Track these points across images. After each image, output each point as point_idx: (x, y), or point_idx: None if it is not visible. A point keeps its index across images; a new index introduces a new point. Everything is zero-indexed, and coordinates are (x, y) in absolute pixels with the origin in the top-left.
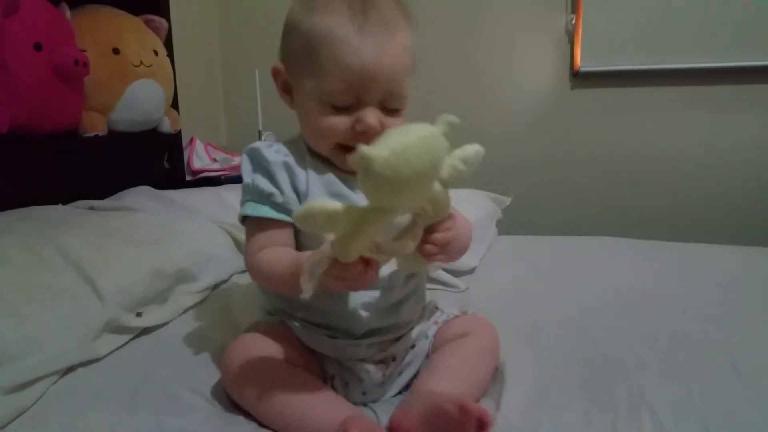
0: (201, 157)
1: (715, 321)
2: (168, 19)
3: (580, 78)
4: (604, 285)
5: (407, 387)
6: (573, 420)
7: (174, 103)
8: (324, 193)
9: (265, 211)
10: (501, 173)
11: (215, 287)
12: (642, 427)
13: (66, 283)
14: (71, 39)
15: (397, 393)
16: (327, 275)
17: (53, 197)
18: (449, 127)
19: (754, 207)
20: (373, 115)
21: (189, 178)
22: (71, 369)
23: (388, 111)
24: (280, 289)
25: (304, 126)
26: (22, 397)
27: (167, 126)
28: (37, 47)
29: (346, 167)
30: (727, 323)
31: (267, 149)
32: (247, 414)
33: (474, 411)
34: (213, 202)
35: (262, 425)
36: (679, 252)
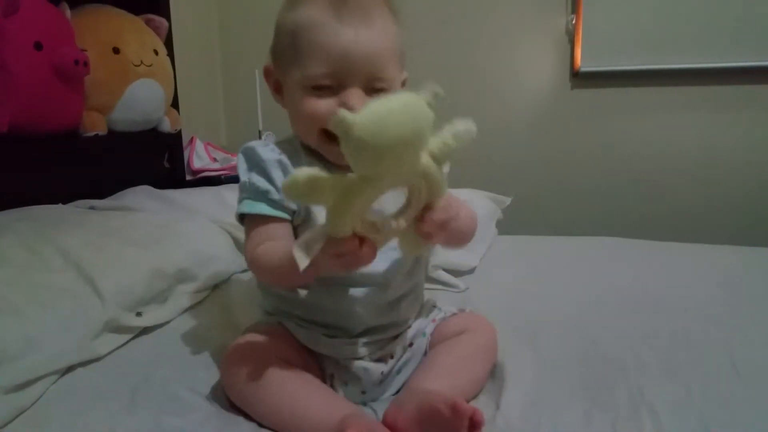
0: (201, 157)
1: (715, 321)
2: (168, 19)
3: (580, 78)
4: (604, 285)
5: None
6: (573, 420)
7: (174, 103)
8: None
9: (262, 208)
10: (501, 173)
11: (215, 287)
12: (642, 427)
13: (66, 283)
14: (71, 39)
15: (396, 392)
16: (323, 253)
17: (53, 197)
18: (433, 97)
19: (754, 207)
20: (356, 97)
21: (189, 177)
22: (71, 369)
23: (373, 93)
24: (280, 280)
25: (292, 119)
26: (22, 397)
27: (167, 126)
28: (38, 47)
29: (337, 160)
30: (727, 323)
31: (262, 148)
32: (247, 414)
33: (466, 410)
34: (213, 201)
35: (261, 425)
36: (679, 252)
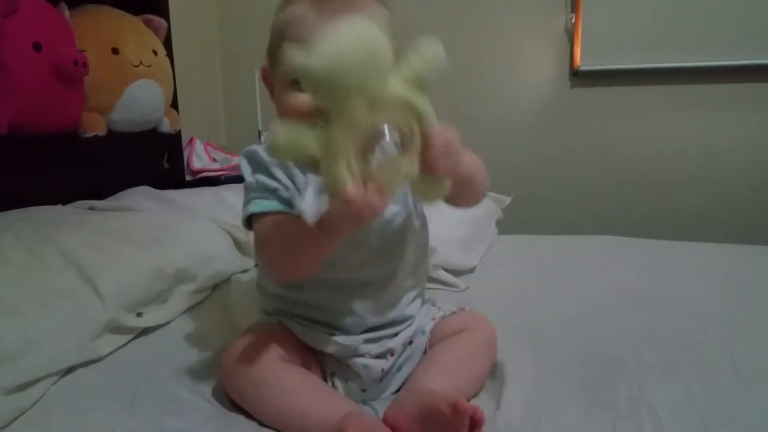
0: (201, 157)
1: (715, 321)
2: (167, 19)
3: (579, 77)
4: (604, 285)
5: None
6: (573, 420)
7: (174, 103)
8: (319, 185)
9: (274, 206)
10: (501, 173)
11: (215, 287)
12: (642, 427)
13: (66, 283)
14: (71, 39)
15: (396, 390)
16: (332, 213)
17: (53, 197)
18: (383, 21)
19: (754, 207)
20: None
21: (189, 178)
22: (71, 369)
23: None
24: (296, 255)
25: (278, 116)
26: (22, 398)
27: (167, 126)
28: (37, 47)
29: None
30: (727, 323)
31: (263, 151)
32: (248, 414)
33: (466, 409)
34: (213, 202)
35: (262, 425)
36: (679, 251)
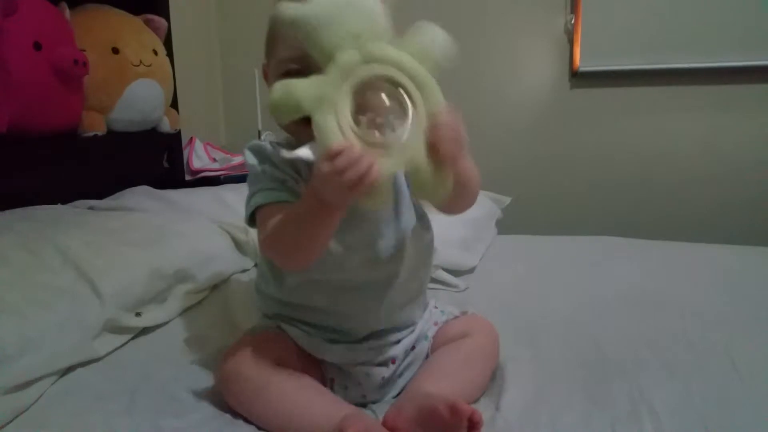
0: (200, 157)
1: (715, 321)
2: (167, 19)
3: (579, 78)
4: (604, 285)
5: None
6: (573, 420)
7: (173, 103)
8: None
9: (282, 196)
10: (501, 173)
11: (214, 287)
12: (642, 427)
13: (65, 283)
14: (70, 39)
15: (397, 394)
16: (318, 170)
17: (52, 197)
18: None
19: (754, 207)
20: None
21: (188, 177)
22: (70, 369)
23: None
24: (297, 236)
25: None
26: (21, 398)
27: (166, 126)
28: (37, 47)
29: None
30: (727, 323)
31: (267, 146)
32: None
33: (465, 411)
34: (212, 202)
35: (261, 428)
36: (679, 252)
